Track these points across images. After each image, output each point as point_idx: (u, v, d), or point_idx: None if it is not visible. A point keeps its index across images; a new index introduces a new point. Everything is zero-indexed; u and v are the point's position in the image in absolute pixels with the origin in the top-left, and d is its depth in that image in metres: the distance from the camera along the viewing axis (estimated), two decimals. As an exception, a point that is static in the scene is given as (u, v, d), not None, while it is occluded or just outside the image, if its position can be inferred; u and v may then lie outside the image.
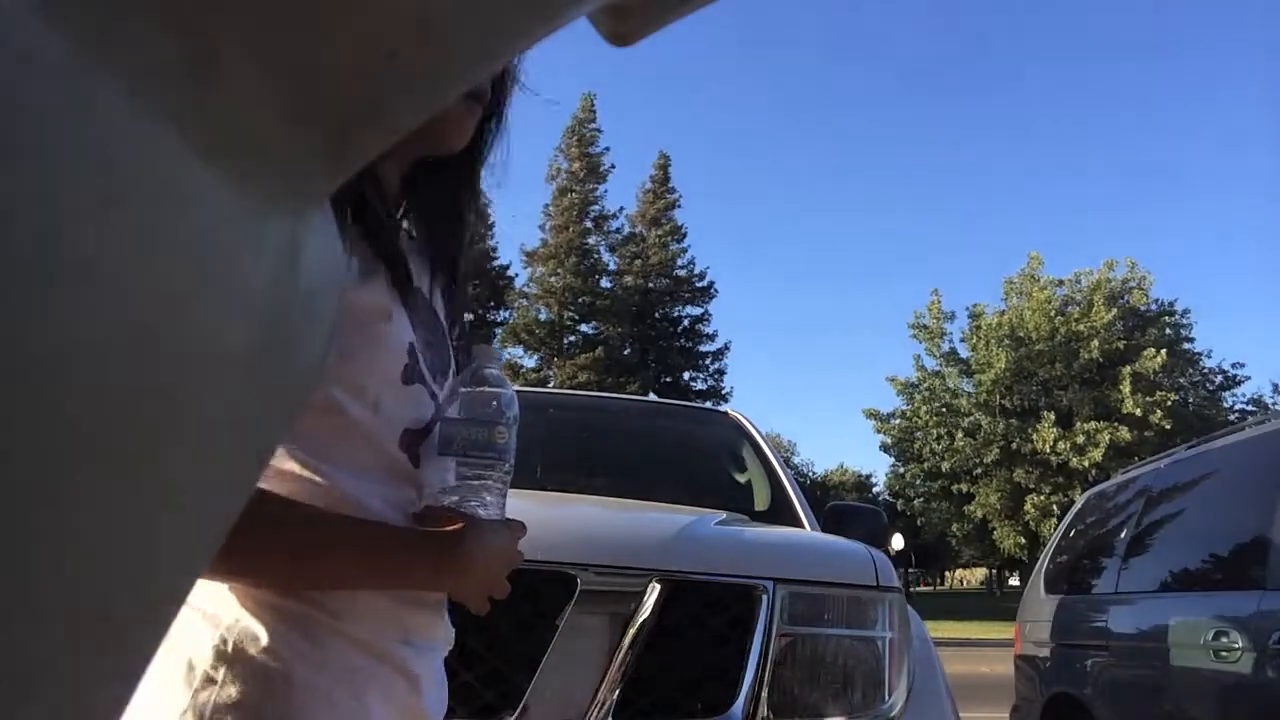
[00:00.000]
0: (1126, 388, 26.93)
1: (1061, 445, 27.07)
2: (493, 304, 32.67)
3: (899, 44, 74.77)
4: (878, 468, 63.12)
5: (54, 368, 0.20)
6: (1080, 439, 26.81)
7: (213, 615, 0.96)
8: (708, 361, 33.79)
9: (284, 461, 0.94)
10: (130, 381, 0.22)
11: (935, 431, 29.83)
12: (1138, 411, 26.63)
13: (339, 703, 0.96)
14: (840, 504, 3.11)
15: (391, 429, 1.00)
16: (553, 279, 31.87)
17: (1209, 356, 30.58)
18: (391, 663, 1.01)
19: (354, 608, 0.98)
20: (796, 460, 53.01)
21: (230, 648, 0.94)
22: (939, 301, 30.50)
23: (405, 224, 1.13)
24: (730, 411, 3.74)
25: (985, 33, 70.05)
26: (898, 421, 31.06)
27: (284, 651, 0.94)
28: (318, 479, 0.95)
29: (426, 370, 1.03)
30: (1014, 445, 28.17)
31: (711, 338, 33.90)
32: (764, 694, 1.70)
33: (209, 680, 0.93)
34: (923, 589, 56.57)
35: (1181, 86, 61.21)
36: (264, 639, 0.94)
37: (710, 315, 33.99)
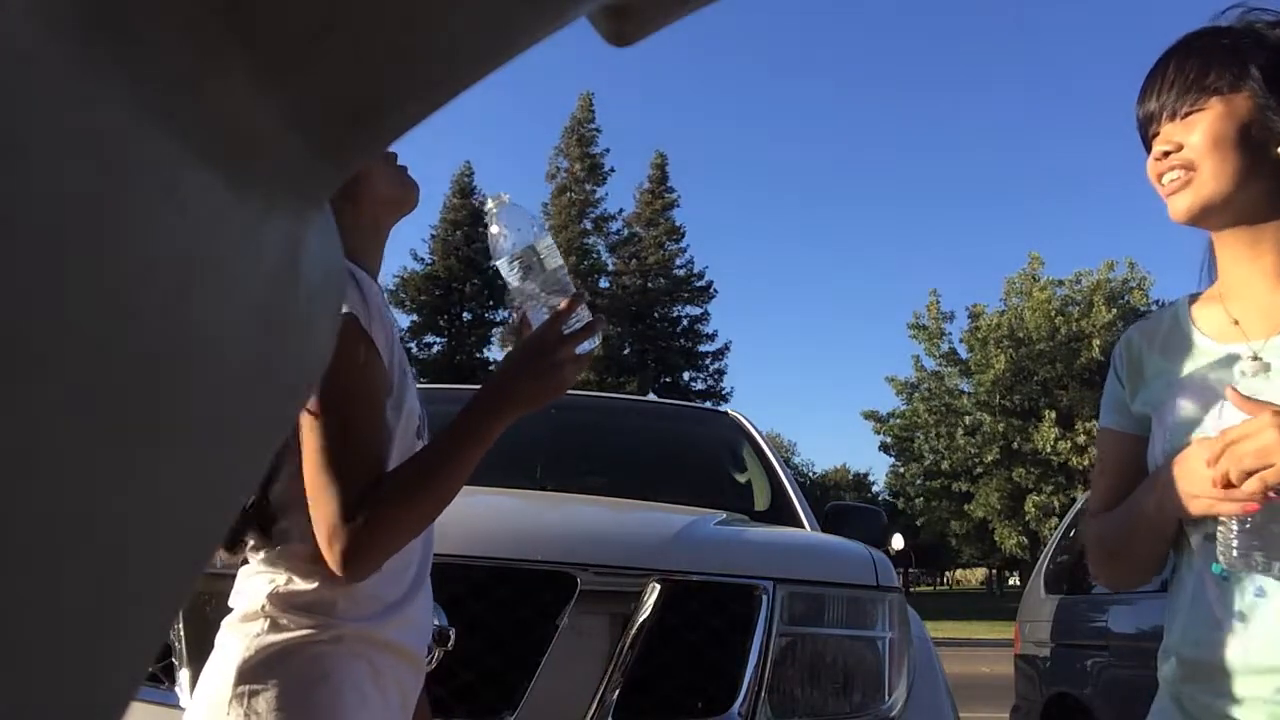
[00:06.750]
0: (1127, 387, 26.91)
1: (1062, 445, 27.04)
2: (492, 303, 32.67)
3: (901, 41, 74.85)
4: (877, 466, 63.16)
5: (53, 368, 0.20)
6: (1081, 439, 26.78)
7: (247, 617, 1.06)
8: (707, 361, 33.78)
9: None
10: (130, 381, 0.22)
11: (935, 431, 29.82)
12: (1138, 411, 26.62)
13: (369, 697, 1.05)
14: (840, 504, 3.10)
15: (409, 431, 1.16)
16: (553, 279, 31.82)
17: (1208, 356, 30.56)
18: (407, 657, 1.12)
19: (373, 606, 1.08)
20: (796, 460, 53.00)
21: (266, 651, 1.03)
22: (938, 302, 30.50)
23: None
24: (730, 411, 3.73)
25: (988, 32, 70.09)
26: (897, 421, 31.04)
27: (315, 650, 1.04)
28: None
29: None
30: (1014, 445, 28.15)
31: (711, 338, 33.89)
32: (764, 694, 1.70)
33: (247, 680, 1.02)
34: (923, 589, 56.53)
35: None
36: (296, 641, 1.04)
37: (710, 315, 33.99)
